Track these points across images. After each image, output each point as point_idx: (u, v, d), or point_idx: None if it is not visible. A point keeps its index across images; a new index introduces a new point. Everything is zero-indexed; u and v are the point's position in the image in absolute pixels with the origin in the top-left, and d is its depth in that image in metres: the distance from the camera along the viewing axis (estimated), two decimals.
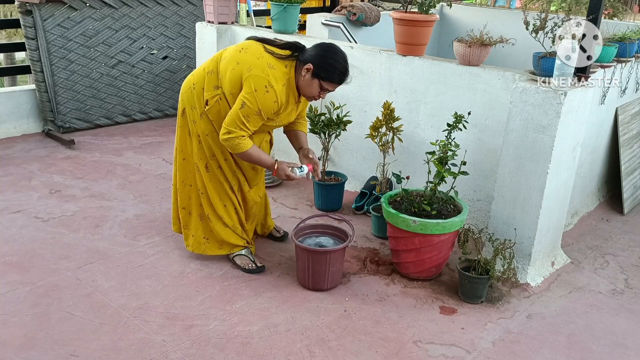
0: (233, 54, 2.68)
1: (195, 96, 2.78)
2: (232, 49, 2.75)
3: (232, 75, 2.62)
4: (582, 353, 2.50)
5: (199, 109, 2.77)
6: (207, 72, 2.75)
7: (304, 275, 2.82)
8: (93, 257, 3.03)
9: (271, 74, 2.58)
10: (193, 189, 2.95)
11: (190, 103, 2.80)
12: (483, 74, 3.23)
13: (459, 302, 2.81)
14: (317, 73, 2.62)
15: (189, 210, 2.99)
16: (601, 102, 3.60)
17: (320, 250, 2.77)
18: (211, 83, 2.72)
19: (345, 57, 2.67)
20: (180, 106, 2.86)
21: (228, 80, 2.64)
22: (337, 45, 2.71)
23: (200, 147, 2.83)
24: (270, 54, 2.64)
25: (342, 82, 2.68)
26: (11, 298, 2.64)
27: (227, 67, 2.65)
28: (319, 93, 2.70)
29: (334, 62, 2.62)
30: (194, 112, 2.79)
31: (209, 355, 2.34)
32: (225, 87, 2.67)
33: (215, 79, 2.72)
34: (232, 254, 3.02)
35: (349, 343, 2.46)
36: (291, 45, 2.70)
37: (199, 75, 2.79)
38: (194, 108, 2.79)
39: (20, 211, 3.50)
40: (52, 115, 4.87)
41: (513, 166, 2.91)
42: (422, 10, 3.42)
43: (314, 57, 2.63)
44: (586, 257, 3.34)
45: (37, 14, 4.63)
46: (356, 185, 3.99)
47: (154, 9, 5.32)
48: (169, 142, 4.87)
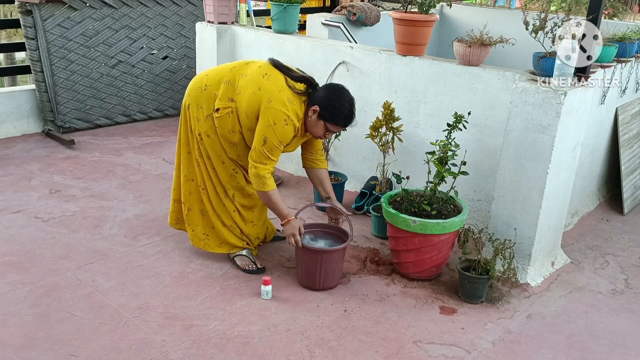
0: (256, 76, 2.69)
1: (204, 97, 2.79)
2: (255, 68, 2.74)
3: (251, 99, 2.65)
4: (582, 353, 2.50)
5: (206, 111, 2.78)
6: (224, 82, 2.75)
7: (300, 272, 2.86)
8: (93, 257, 3.03)
9: (290, 109, 2.63)
10: (194, 184, 2.96)
11: (197, 101, 2.81)
12: (483, 74, 3.23)
13: (459, 302, 2.81)
14: (323, 115, 2.67)
15: (188, 206, 2.99)
16: (601, 102, 3.60)
17: (314, 250, 2.78)
18: (226, 94, 2.73)
19: (352, 101, 2.71)
20: (186, 101, 2.86)
21: (246, 101, 2.66)
22: (346, 89, 2.74)
23: (200, 145, 2.84)
24: (290, 88, 2.67)
25: (346, 125, 2.74)
26: (11, 298, 2.64)
27: (247, 88, 2.67)
28: (324, 133, 2.75)
29: (340, 106, 2.66)
30: (200, 111, 2.80)
31: (209, 355, 2.34)
32: (240, 105, 2.69)
33: (231, 90, 2.73)
34: (232, 254, 3.02)
35: (349, 343, 2.46)
36: (306, 79, 2.73)
37: (214, 80, 2.79)
38: (200, 107, 2.80)
39: (20, 211, 3.50)
40: (52, 115, 4.87)
41: (513, 166, 2.91)
42: (422, 10, 3.42)
43: (322, 99, 2.67)
44: (586, 257, 3.34)
45: (37, 14, 4.63)
46: (356, 185, 3.99)
47: (154, 9, 5.32)
48: (169, 142, 4.88)
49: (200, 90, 2.80)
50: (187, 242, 3.22)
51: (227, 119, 2.73)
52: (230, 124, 2.73)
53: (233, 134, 2.75)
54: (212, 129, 2.79)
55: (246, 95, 2.67)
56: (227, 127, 2.74)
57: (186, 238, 3.26)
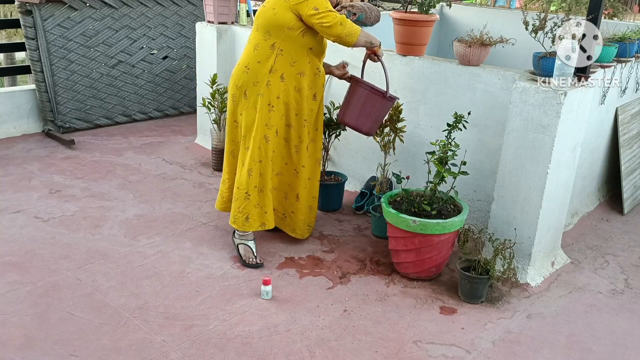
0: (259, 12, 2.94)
1: (252, 75, 2.92)
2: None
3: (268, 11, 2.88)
4: (582, 353, 2.50)
5: (263, 79, 2.90)
6: (254, 47, 2.93)
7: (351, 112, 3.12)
8: (93, 257, 3.03)
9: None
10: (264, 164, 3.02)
11: (251, 80, 2.92)
12: (483, 74, 3.23)
13: (459, 302, 2.81)
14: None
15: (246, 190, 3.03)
16: (601, 102, 3.60)
17: (379, 91, 3.07)
18: (265, 47, 2.90)
19: None
20: (240, 91, 2.97)
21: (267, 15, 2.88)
22: None
23: (272, 112, 2.95)
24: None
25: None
26: (11, 298, 2.64)
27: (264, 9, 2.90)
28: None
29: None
30: (257, 86, 2.92)
31: (209, 355, 2.34)
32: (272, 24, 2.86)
33: (262, 39, 2.90)
34: (240, 238, 3.08)
35: (349, 343, 2.46)
36: None
37: (246, 58, 2.95)
38: (256, 83, 2.92)
39: (20, 211, 3.50)
40: (52, 115, 4.87)
41: (513, 166, 2.91)
42: (422, 10, 3.42)
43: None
44: (586, 257, 3.34)
45: (37, 14, 4.63)
46: (356, 185, 3.99)
47: (154, 9, 5.32)
48: (169, 142, 4.88)
49: (244, 74, 2.94)
50: (187, 242, 3.22)
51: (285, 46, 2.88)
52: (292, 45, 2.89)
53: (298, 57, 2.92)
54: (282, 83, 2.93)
55: (268, 16, 2.87)
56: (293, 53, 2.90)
57: (185, 238, 3.27)
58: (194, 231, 3.36)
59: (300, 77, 2.94)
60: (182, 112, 5.73)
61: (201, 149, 4.74)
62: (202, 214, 3.58)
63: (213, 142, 4.28)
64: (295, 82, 2.94)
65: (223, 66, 4.50)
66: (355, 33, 2.84)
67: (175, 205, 3.68)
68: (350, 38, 2.84)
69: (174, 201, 3.74)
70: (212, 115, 4.23)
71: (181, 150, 4.72)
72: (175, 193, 3.87)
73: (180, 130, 5.23)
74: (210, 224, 3.45)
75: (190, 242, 3.23)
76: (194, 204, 3.71)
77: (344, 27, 2.80)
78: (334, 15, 2.78)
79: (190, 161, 4.48)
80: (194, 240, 3.25)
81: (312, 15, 2.77)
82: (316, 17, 2.77)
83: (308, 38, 2.90)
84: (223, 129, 4.24)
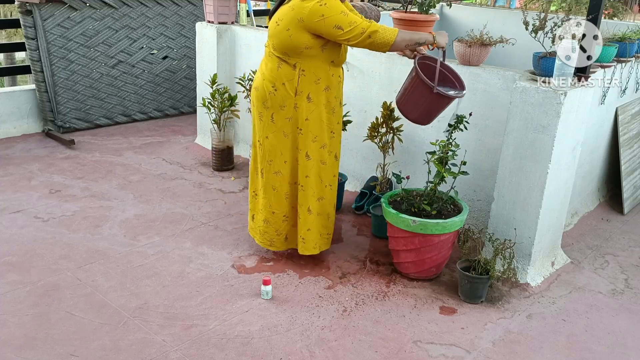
0: (271, 23, 2.78)
1: (279, 97, 2.79)
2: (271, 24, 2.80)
3: (283, 32, 2.69)
4: (582, 353, 2.50)
5: (290, 102, 2.78)
6: (277, 65, 2.77)
7: (413, 108, 2.79)
8: (93, 257, 3.03)
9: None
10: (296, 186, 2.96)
11: (278, 103, 2.80)
12: (483, 74, 3.23)
13: (459, 302, 2.81)
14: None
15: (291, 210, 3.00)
16: (601, 102, 3.60)
17: (445, 96, 2.70)
18: (288, 68, 2.75)
19: None
20: (268, 112, 2.84)
21: (282, 36, 2.69)
22: None
23: (300, 137, 2.85)
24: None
25: None
26: (11, 298, 2.64)
27: (279, 30, 2.71)
28: None
29: None
30: (285, 110, 2.81)
31: (209, 355, 2.34)
32: (292, 42, 2.68)
33: (284, 58, 2.74)
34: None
35: (349, 343, 2.46)
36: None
37: (271, 74, 2.80)
38: (283, 107, 2.80)
39: (20, 211, 3.50)
40: (52, 115, 4.87)
41: (513, 166, 2.91)
42: (422, 10, 3.41)
43: None
44: (586, 257, 3.34)
45: (37, 14, 4.63)
46: (356, 185, 3.99)
47: (154, 9, 5.32)
48: (169, 142, 4.88)
49: (269, 92, 2.80)
50: (187, 242, 3.22)
51: (307, 65, 2.74)
52: (316, 60, 2.74)
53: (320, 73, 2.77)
54: (310, 105, 2.80)
55: (283, 33, 2.69)
56: (315, 65, 2.74)
57: (185, 238, 3.27)
58: (194, 231, 3.36)
59: (326, 92, 2.82)
60: (182, 112, 5.73)
61: (201, 149, 4.74)
62: (202, 214, 3.59)
63: (213, 142, 4.28)
64: (323, 99, 2.82)
65: (223, 66, 4.50)
66: (388, 42, 2.63)
67: (175, 205, 3.68)
68: (383, 48, 2.67)
69: (174, 201, 3.74)
70: (212, 115, 4.23)
71: (181, 150, 4.72)
72: (175, 193, 3.87)
73: (180, 130, 5.23)
74: (210, 224, 3.45)
75: (190, 242, 3.23)
76: (194, 204, 3.71)
77: (373, 41, 2.62)
78: (359, 30, 2.60)
79: (190, 161, 4.48)
80: (194, 240, 3.25)
81: (338, 36, 2.62)
82: (342, 37, 2.62)
83: (329, 52, 2.74)
84: (223, 129, 4.24)
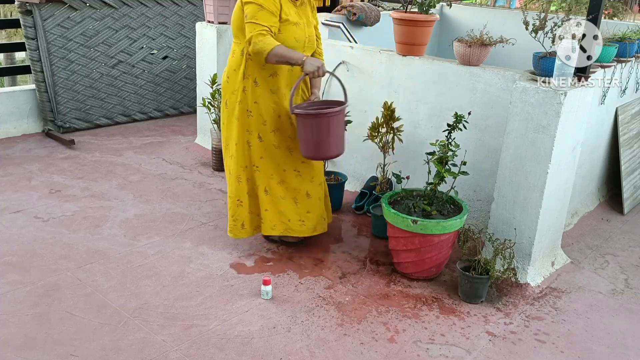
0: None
1: (231, 83, 2.92)
2: None
3: (235, 16, 2.82)
4: (582, 353, 2.50)
5: (239, 86, 2.87)
6: (232, 54, 2.91)
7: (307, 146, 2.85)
8: (93, 257, 3.03)
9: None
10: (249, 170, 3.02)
11: (230, 89, 2.92)
12: (483, 74, 3.23)
13: (459, 302, 2.81)
14: None
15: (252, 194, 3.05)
16: (601, 102, 3.60)
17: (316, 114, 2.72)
18: (237, 53, 2.87)
19: None
20: (223, 100, 2.99)
21: (235, 20, 2.82)
22: None
23: (251, 118, 2.92)
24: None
25: None
26: (11, 298, 2.64)
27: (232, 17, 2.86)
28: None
29: None
30: (235, 94, 2.90)
31: (209, 355, 2.34)
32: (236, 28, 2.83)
33: (236, 46, 2.88)
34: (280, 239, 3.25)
35: (349, 343, 2.46)
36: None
37: (227, 66, 2.95)
38: (234, 92, 2.90)
39: (20, 211, 3.50)
40: (52, 115, 4.87)
41: (513, 166, 2.91)
42: (422, 10, 3.42)
43: None
44: (586, 257, 3.34)
45: (37, 14, 4.63)
46: (356, 185, 3.99)
47: (154, 9, 5.32)
48: (169, 142, 4.88)
49: (225, 83, 2.95)
50: (187, 242, 3.22)
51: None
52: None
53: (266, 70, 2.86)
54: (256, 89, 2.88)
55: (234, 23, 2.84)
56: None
57: (185, 238, 3.27)
58: (194, 231, 3.36)
59: (273, 78, 2.86)
60: (182, 112, 5.73)
61: (201, 149, 4.74)
62: (202, 214, 3.59)
63: (213, 142, 4.28)
64: (270, 85, 2.87)
65: (223, 66, 4.45)
66: (261, 51, 2.64)
67: (175, 205, 3.68)
68: (258, 57, 2.70)
69: (174, 201, 3.74)
70: (212, 115, 4.23)
71: (181, 150, 4.72)
72: (175, 193, 3.87)
73: (180, 130, 5.23)
74: (210, 224, 3.45)
75: (190, 242, 3.23)
76: (194, 204, 3.71)
77: (252, 46, 2.66)
78: (249, 30, 2.66)
79: (190, 161, 4.48)
80: (194, 240, 3.25)
81: (245, 26, 2.72)
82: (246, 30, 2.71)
83: (276, 38, 2.72)
84: None
